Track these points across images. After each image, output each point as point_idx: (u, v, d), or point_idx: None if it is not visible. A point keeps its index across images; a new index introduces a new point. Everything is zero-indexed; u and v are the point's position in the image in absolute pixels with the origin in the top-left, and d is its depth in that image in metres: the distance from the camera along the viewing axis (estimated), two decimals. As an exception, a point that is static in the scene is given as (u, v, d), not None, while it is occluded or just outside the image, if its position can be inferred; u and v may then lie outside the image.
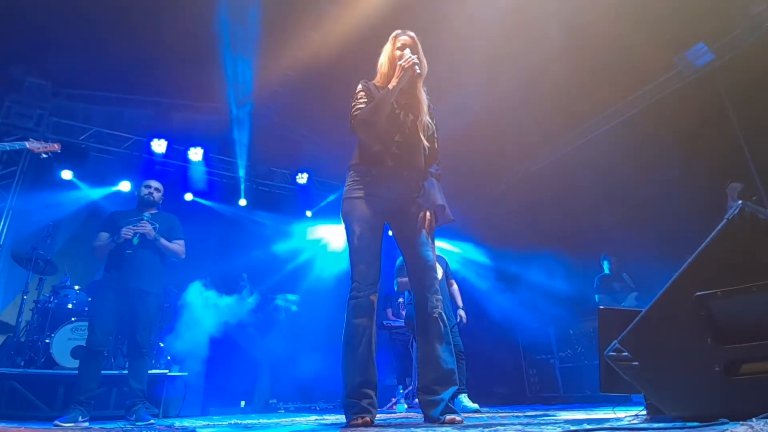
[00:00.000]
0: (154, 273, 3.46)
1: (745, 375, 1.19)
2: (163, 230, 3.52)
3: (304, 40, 5.19)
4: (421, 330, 2.19)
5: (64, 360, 4.11)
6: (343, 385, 2.13)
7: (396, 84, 2.21)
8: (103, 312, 3.25)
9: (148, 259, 3.41)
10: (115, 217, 3.50)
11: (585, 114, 6.16)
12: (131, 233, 3.33)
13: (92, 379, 3.13)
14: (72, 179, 5.95)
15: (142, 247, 3.38)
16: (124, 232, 3.31)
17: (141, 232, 3.36)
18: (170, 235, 3.56)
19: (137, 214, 3.53)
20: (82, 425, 2.88)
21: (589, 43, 4.77)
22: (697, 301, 1.28)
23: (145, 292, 3.36)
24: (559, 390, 5.73)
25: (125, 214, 3.53)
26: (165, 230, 3.53)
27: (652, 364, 1.34)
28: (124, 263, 3.32)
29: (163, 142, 6.29)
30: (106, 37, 4.99)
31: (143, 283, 3.35)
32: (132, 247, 3.34)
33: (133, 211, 3.58)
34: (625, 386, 1.60)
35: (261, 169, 7.22)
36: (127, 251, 3.33)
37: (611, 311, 1.81)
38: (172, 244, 3.54)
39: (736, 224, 1.25)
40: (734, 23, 4.61)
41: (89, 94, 6.02)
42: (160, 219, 3.57)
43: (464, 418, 2.12)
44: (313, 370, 6.55)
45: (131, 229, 3.34)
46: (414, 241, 2.24)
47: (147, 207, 3.57)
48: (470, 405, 4.06)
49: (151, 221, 3.49)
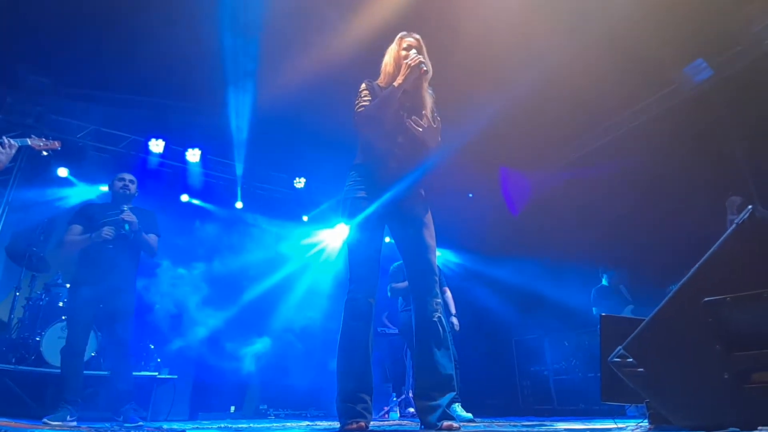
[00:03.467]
0: (130, 270, 3.38)
1: (755, 384, 1.16)
2: (143, 225, 3.42)
3: (306, 44, 5.19)
4: (420, 334, 2.16)
5: (53, 359, 4.03)
6: (338, 389, 2.09)
7: (402, 81, 2.20)
8: (81, 310, 3.17)
9: (124, 256, 3.32)
10: (90, 211, 3.41)
11: (583, 128, 6.18)
12: (112, 233, 3.21)
13: (76, 377, 3.06)
14: (68, 177, 5.90)
15: (119, 243, 3.27)
16: (105, 231, 3.20)
17: (129, 220, 3.26)
18: (147, 230, 3.47)
19: (114, 207, 3.41)
20: (71, 424, 2.82)
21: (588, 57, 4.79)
22: (705, 307, 1.26)
23: (122, 290, 3.27)
24: (553, 402, 5.68)
25: (102, 208, 3.43)
26: (142, 225, 3.43)
27: (658, 371, 1.31)
28: (103, 260, 3.21)
29: (161, 142, 6.25)
30: (107, 36, 4.98)
31: (120, 280, 3.26)
32: (111, 242, 3.23)
33: (109, 205, 3.46)
34: (628, 395, 1.57)
35: (259, 172, 7.18)
36: (109, 246, 3.22)
37: (614, 318, 1.79)
38: (149, 237, 3.45)
39: (745, 229, 1.23)
40: (735, 40, 4.65)
41: (89, 93, 5.98)
42: (138, 213, 3.47)
43: (461, 425, 2.08)
44: (305, 377, 6.48)
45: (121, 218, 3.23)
46: (415, 245, 2.22)
47: (123, 201, 3.46)
48: (464, 414, 4.00)
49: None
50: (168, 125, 6.21)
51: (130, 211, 3.35)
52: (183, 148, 6.47)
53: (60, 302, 4.55)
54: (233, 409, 5.96)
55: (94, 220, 3.30)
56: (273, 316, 6.61)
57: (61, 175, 5.86)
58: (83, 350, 3.17)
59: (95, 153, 6.12)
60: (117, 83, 5.69)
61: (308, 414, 6.11)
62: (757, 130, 4.56)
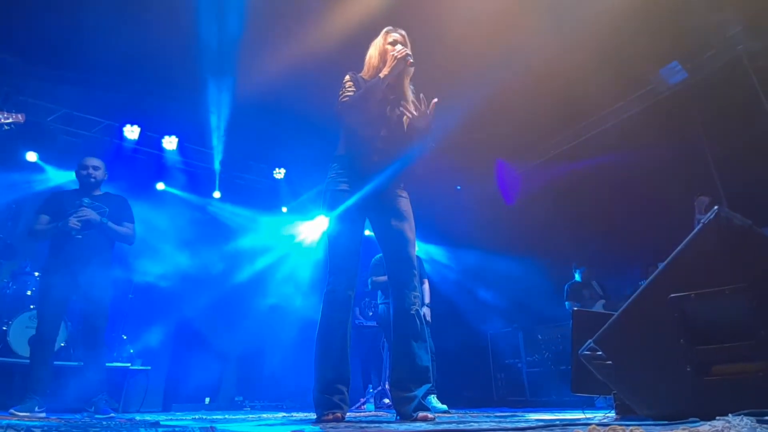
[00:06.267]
0: (104, 258, 3.28)
1: (715, 376, 1.22)
2: (112, 213, 3.32)
3: (288, 34, 5.12)
4: (397, 326, 2.18)
5: (21, 349, 3.93)
6: (315, 380, 2.11)
7: (388, 72, 2.21)
8: (51, 299, 3.08)
9: (96, 244, 3.22)
10: (57, 200, 3.29)
11: (562, 125, 6.28)
12: (79, 225, 3.13)
13: (45, 368, 2.98)
14: (37, 162, 5.70)
15: (89, 232, 3.18)
16: (73, 222, 3.12)
17: (84, 219, 3.15)
18: (119, 217, 3.36)
19: (82, 194, 3.31)
20: (39, 415, 2.76)
21: (567, 57, 4.86)
22: (671, 302, 1.31)
23: (95, 279, 3.17)
24: (526, 394, 5.81)
25: (69, 196, 3.31)
26: (114, 213, 3.33)
27: (626, 364, 1.36)
28: (72, 248, 3.13)
29: (136, 128, 6.09)
30: (81, 17, 4.81)
31: (93, 268, 3.17)
32: (80, 232, 3.15)
33: (76, 193, 3.34)
34: (596, 386, 1.63)
35: (238, 161, 7.08)
36: (77, 236, 3.14)
37: (585, 313, 1.84)
38: (120, 227, 3.34)
39: (711, 228, 1.28)
40: (709, 44, 4.79)
41: (60, 74, 5.77)
42: (108, 201, 3.37)
43: (436, 416, 2.12)
44: (282, 369, 6.47)
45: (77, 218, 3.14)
46: (394, 238, 2.23)
47: (90, 188, 3.34)
48: (439, 405, 4.07)
49: (99, 204, 3.29)
50: (144, 111, 6.04)
51: (88, 206, 3.23)
52: (159, 135, 6.32)
53: (28, 291, 4.41)
54: (208, 400, 5.92)
55: (62, 209, 3.19)
56: (250, 307, 6.56)
57: (30, 159, 5.66)
58: (53, 340, 3.09)
59: (66, 137, 5.93)
60: (91, 65, 5.50)
61: (284, 405, 6.11)
62: (727, 132, 4.73)
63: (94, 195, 3.35)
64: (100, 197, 3.36)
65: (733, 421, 0.88)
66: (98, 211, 3.26)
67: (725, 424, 0.88)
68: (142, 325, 5.40)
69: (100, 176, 3.38)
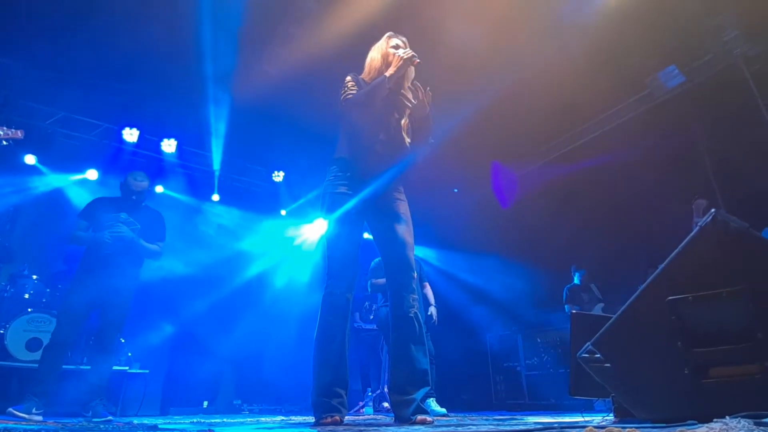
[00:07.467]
0: (131, 273, 3.38)
1: (713, 378, 1.22)
2: (145, 229, 3.43)
3: (288, 37, 5.14)
4: (396, 329, 2.18)
5: (18, 352, 3.92)
6: (314, 383, 2.10)
7: (393, 72, 2.22)
8: (74, 306, 3.15)
9: (126, 259, 3.33)
10: (97, 208, 3.38)
11: (561, 129, 6.30)
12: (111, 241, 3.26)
13: (52, 371, 3.01)
14: (36, 165, 5.70)
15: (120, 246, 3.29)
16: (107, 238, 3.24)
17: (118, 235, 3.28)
18: (152, 235, 3.47)
19: (120, 208, 3.40)
20: (36, 418, 2.75)
21: (566, 62, 4.88)
22: (669, 305, 1.32)
23: (120, 292, 3.27)
24: (525, 397, 5.80)
25: (108, 206, 3.40)
26: (146, 229, 3.43)
27: (624, 366, 1.36)
28: (103, 260, 3.24)
29: (135, 131, 6.10)
30: (81, 19, 4.81)
31: (119, 282, 3.27)
32: (111, 247, 3.25)
33: (116, 204, 3.43)
34: (595, 389, 1.63)
35: (236, 164, 7.08)
36: (107, 251, 3.24)
37: (584, 316, 1.85)
38: (151, 245, 3.44)
39: (708, 231, 1.29)
40: (706, 48, 4.81)
41: (59, 77, 5.77)
42: (144, 217, 3.47)
43: (434, 420, 2.11)
44: (280, 372, 6.45)
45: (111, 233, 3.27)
46: (393, 241, 2.23)
47: (130, 204, 3.43)
48: (438, 409, 4.06)
49: (133, 221, 3.39)
50: (143, 114, 6.04)
51: (125, 222, 3.35)
52: (158, 138, 6.32)
53: (26, 294, 4.39)
54: (206, 404, 5.89)
55: (100, 218, 3.32)
56: (248, 310, 6.54)
57: (28, 162, 5.65)
58: (66, 346, 3.15)
59: (65, 140, 5.92)
60: (90, 68, 5.50)
61: (283, 409, 6.09)
62: (724, 136, 4.74)
63: (132, 208, 3.43)
64: (139, 212, 3.46)
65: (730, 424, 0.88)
66: (132, 227, 3.36)
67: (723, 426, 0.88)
68: (140, 328, 5.38)
69: (143, 197, 3.49)
